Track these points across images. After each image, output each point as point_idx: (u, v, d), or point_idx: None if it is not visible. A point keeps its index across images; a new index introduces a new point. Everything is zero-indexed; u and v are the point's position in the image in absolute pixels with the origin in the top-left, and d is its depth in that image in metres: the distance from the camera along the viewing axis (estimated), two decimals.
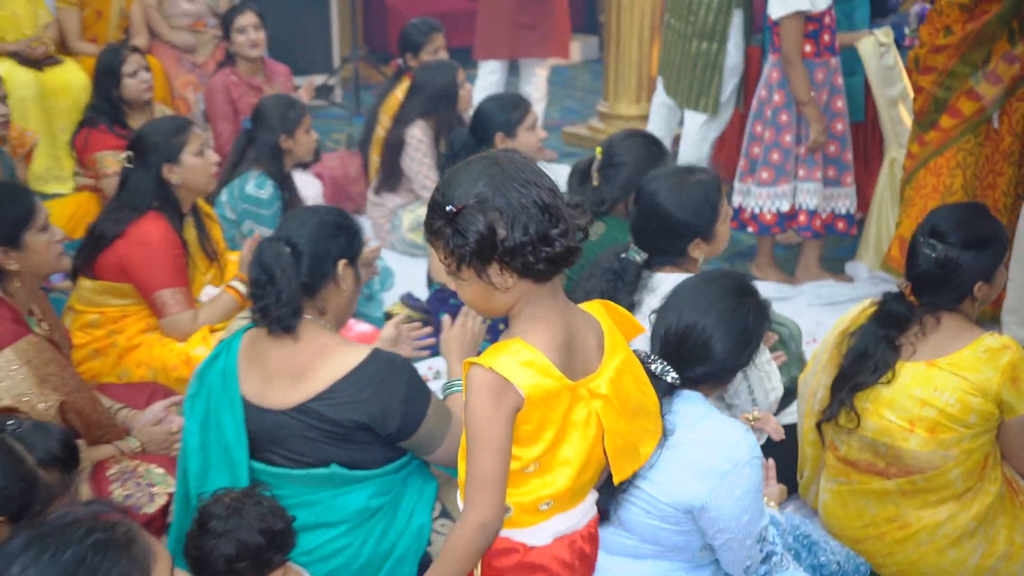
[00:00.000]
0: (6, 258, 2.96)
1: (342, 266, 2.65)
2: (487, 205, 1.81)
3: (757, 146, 4.68)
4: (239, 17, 5.49)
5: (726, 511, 2.30)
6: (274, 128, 4.30)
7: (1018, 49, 3.97)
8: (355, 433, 2.58)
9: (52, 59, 6.14)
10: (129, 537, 1.53)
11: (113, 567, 1.48)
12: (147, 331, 3.67)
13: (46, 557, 1.46)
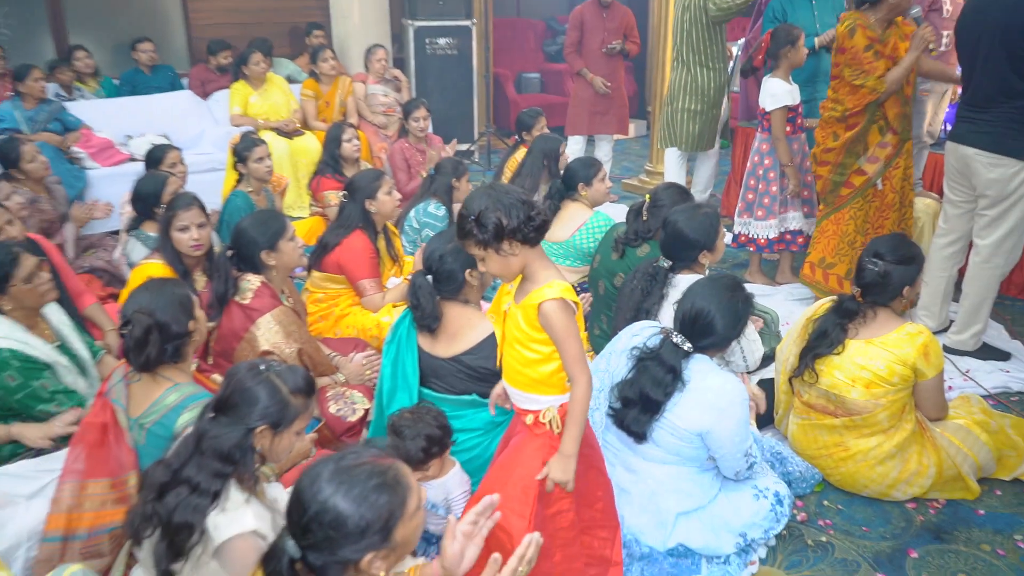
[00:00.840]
0: (268, 257, 3.01)
1: (468, 274, 2.64)
2: (492, 208, 1.91)
3: (751, 194, 4.58)
4: (414, 110, 5.53)
5: (724, 434, 2.37)
6: (447, 175, 4.31)
7: (887, 137, 3.93)
8: (487, 375, 2.59)
9: (298, 132, 6.24)
10: (396, 479, 1.49)
11: (385, 499, 1.45)
12: (353, 305, 3.69)
13: (343, 487, 1.43)
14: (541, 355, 2.04)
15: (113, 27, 7.39)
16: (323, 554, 1.41)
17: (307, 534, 1.42)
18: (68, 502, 2.19)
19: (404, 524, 1.47)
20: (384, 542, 1.44)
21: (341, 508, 1.41)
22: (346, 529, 1.40)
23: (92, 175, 5.50)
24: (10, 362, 2.53)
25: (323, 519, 1.41)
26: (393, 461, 1.52)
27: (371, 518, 1.42)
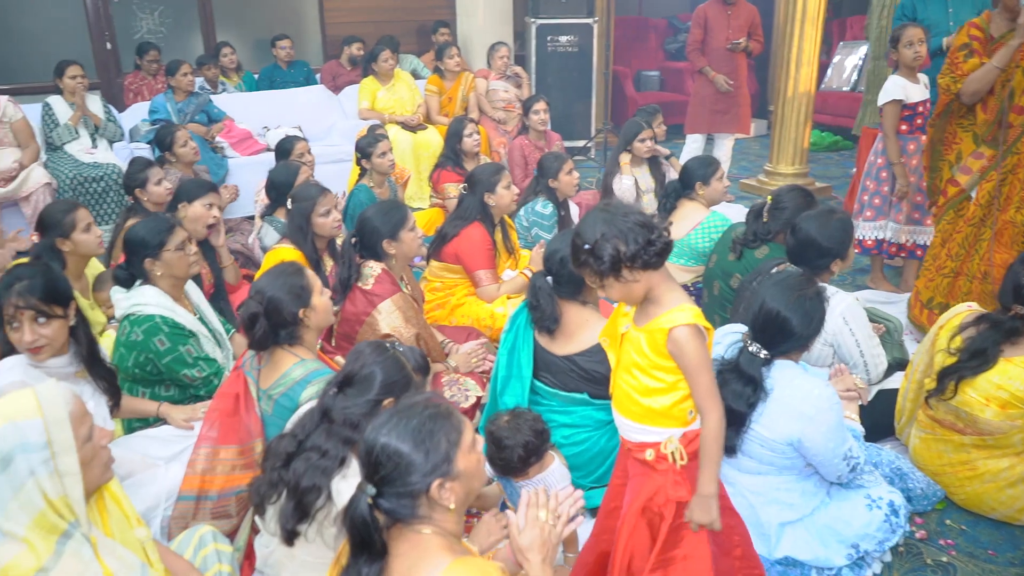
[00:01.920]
0: (389, 246, 3.09)
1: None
2: (608, 236, 1.76)
3: (866, 195, 4.35)
4: (535, 103, 5.55)
5: (816, 442, 2.20)
6: (548, 173, 4.30)
7: (981, 148, 3.52)
8: (599, 378, 2.56)
9: (421, 126, 6.39)
10: (449, 411, 1.57)
11: (440, 428, 1.52)
12: (469, 295, 3.75)
13: (401, 423, 1.51)
14: (664, 384, 1.88)
15: (255, 25, 7.79)
16: (395, 487, 1.49)
17: (377, 470, 1.50)
18: (202, 465, 2.34)
19: (463, 454, 1.53)
20: (448, 468, 1.50)
21: (401, 439, 1.49)
22: (409, 457, 1.48)
23: (232, 163, 5.83)
24: (161, 327, 2.71)
25: (387, 452, 1.48)
26: (444, 401, 1.60)
27: (429, 445, 1.49)
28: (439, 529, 1.52)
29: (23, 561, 1.57)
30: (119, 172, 5.24)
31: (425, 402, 1.56)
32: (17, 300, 2.28)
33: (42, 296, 2.30)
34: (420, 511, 1.51)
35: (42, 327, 2.31)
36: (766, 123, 8.80)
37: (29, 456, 1.58)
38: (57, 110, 5.45)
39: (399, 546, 1.52)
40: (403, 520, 1.52)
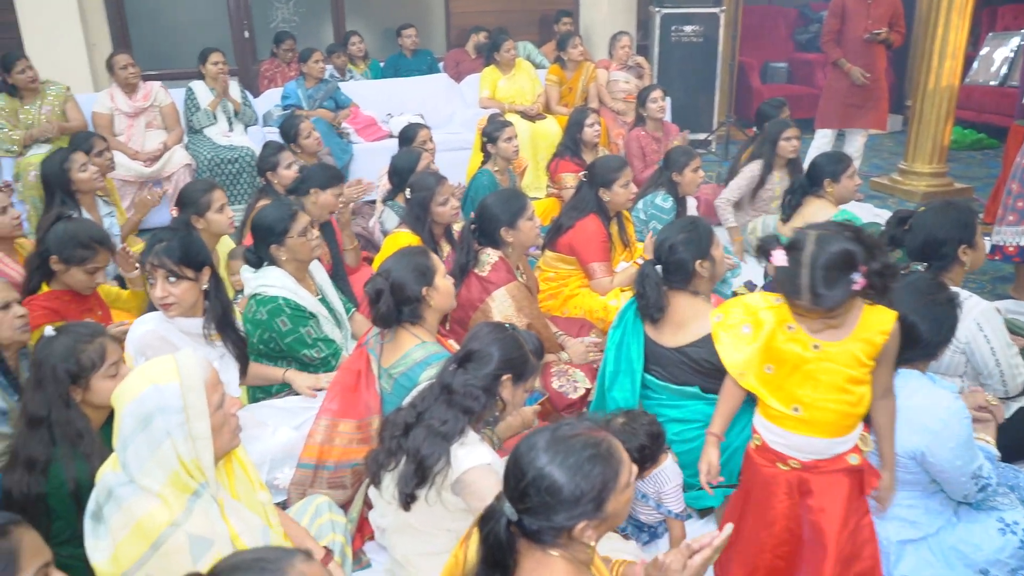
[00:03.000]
0: (507, 234, 3.11)
1: (699, 264, 2.56)
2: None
3: (1010, 198, 4.04)
4: (651, 92, 5.44)
5: (941, 458, 2.06)
6: (673, 167, 4.22)
7: None
8: (711, 370, 2.51)
9: (540, 116, 6.39)
10: (610, 451, 1.50)
11: (599, 471, 1.46)
12: (582, 287, 3.73)
13: (559, 457, 1.45)
14: (868, 383, 1.95)
15: (383, 14, 8.00)
16: (538, 519, 1.45)
17: (524, 499, 1.46)
18: (321, 436, 2.45)
19: (615, 497, 1.48)
20: (596, 512, 1.45)
21: (557, 476, 1.44)
22: (561, 496, 1.43)
23: (357, 149, 6.02)
24: (283, 309, 2.84)
25: (540, 485, 1.44)
26: (606, 434, 1.54)
27: (585, 488, 1.44)
28: (569, 555, 1.50)
29: (158, 515, 1.69)
30: (252, 155, 5.51)
31: (586, 435, 1.50)
32: (153, 258, 2.49)
33: (176, 258, 2.49)
34: (558, 540, 1.49)
35: (172, 286, 2.49)
36: (902, 118, 8.35)
37: (167, 418, 1.70)
38: (199, 95, 5.79)
39: (526, 563, 1.51)
40: (536, 542, 1.50)
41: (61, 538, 1.98)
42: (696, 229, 2.60)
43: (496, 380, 2.06)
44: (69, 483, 1.94)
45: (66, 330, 2.11)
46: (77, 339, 2.07)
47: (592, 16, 7.84)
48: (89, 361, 2.06)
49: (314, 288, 3.09)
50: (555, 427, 1.53)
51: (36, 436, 1.98)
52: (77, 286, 2.94)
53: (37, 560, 1.37)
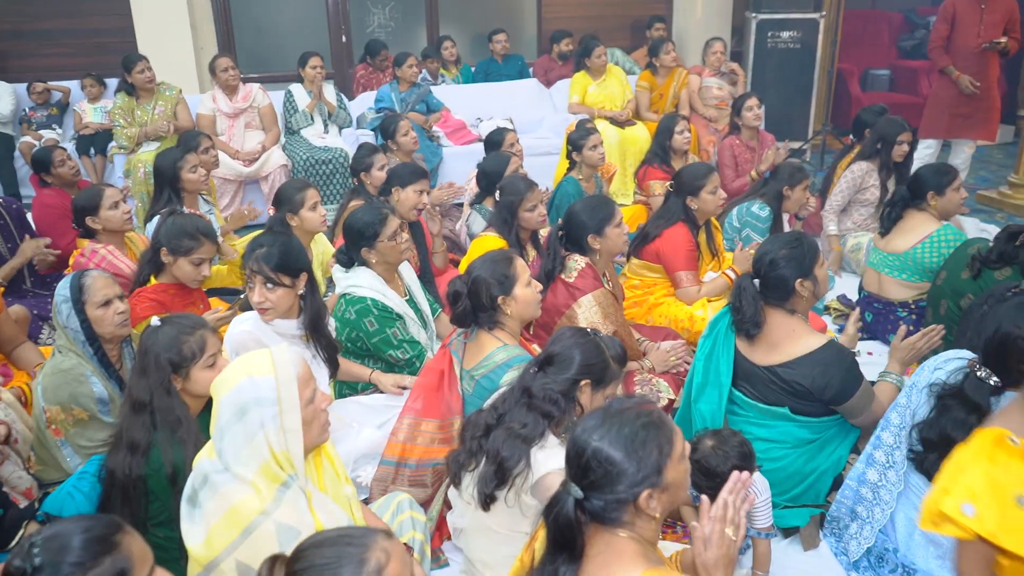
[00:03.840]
0: (594, 241, 3.09)
1: (799, 283, 2.48)
2: None
3: None
4: (747, 100, 5.32)
5: None
6: (782, 181, 4.08)
7: None
8: (802, 393, 2.44)
9: (629, 122, 6.34)
10: (662, 420, 1.55)
11: (653, 437, 1.50)
12: (668, 295, 3.68)
13: (614, 430, 1.50)
14: None
15: (475, 19, 8.10)
16: (602, 493, 1.48)
17: (586, 474, 1.49)
18: (404, 434, 2.49)
19: (673, 465, 1.50)
20: (657, 479, 1.48)
21: (613, 447, 1.48)
22: (620, 466, 1.47)
23: (446, 152, 6.11)
24: (371, 309, 2.91)
25: (599, 457, 1.48)
26: (656, 407, 1.58)
27: (641, 454, 1.47)
28: (636, 535, 1.51)
29: (250, 503, 1.74)
30: (346, 156, 5.66)
31: (637, 409, 1.55)
32: (253, 264, 2.58)
33: (274, 265, 2.57)
34: (624, 517, 1.50)
35: (270, 292, 2.58)
36: (1013, 129, 7.95)
37: (262, 410, 1.76)
38: (297, 97, 5.98)
39: (594, 546, 1.52)
40: (603, 522, 1.52)
41: (158, 519, 2.07)
42: (800, 246, 2.50)
43: (575, 385, 2.05)
44: (167, 467, 2.03)
45: (170, 321, 2.21)
46: (180, 330, 2.17)
47: (686, 22, 7.75)
48: (190, 351, 2.15)
49: (402, 289, 3.15)
50: (606, 406, 1.58)
51: (139, 421, 2.08)
52: (185, 278, 3.07)
53: (145, 567, 1.42)
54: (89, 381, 2.53)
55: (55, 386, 2.52)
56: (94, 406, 2.54)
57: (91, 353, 2.57)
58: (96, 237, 3.57)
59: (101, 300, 2.54)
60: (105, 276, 2.61)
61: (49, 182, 4.46)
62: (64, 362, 2.54)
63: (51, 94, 6.43)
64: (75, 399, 2.52)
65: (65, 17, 6.78)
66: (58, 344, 2.59)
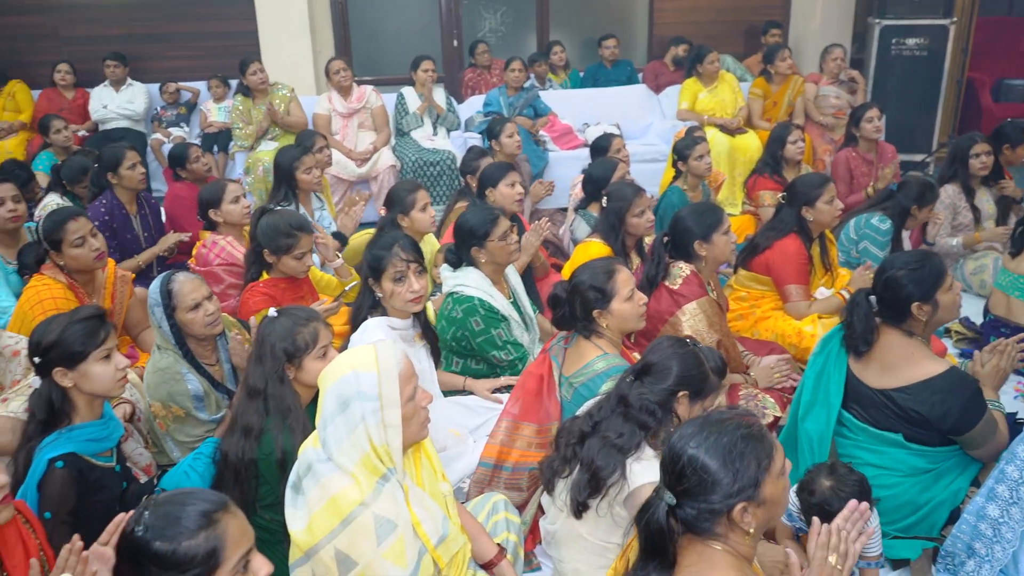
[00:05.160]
0: (700, 247, 3.04)
1: (916, 307, 2.36)
2: None
3: None
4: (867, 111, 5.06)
5: None
6: (909, 198, 3.87)
7: None
8: (919, 420, 2.33)
9: (740, 129, 6.19)
10: (762, 433, 1.52)
11: (752, 450, 1.47)
12: (775, 309, 3.57)
13: (712, 438, 1.48)
14: None
15: (585, 24, 8.08)
16: (696, 501, 1.46)
17: (680, 481, 1.47)
18: (502, 437, 2.51)
19: (771, 480, 1.47)
20: (753, 492, 1.44)
21: (710, 455, 1.45)
22: (716, 475, 1.44)
23: (552, 156, 6.13)
24: (478, 309, 2.95)
25: (695, 465, 1.45)
26: (757, 419, 1.54)
27: (739, 466, 1.44)
28: (731, 549, 1.49)
29: (350, 493, 1.80)
30: (453, 158, 5.76)
31: (738, 419, 1.52)
32: (406, 255, 2.66)
33: (419, 253, 2.67)
34: (717, 529, 1.48)
35: (420, 279, 2.67)
36: None
37: (363, 404, 1.81)
38: (408, 100, 6.13)
39: (687, 556, 1.50)
40: (696, 532, 1.49)
41: (265, 501, 2.16)
42: (924, 267, 2.37)
43: (672, 396, 2.03)
44: (277, 452, 2.11)
45: (286, 312, 2.30)
46: (295, 321, 2.25)
47: (803, 28, 7.50)
48: (304, 342, 2.23)
49: (508, 291, 3.18)
50: (706, 415, 1.56)
51: (253, 406, 2.17)
52: (291, 272, 3.20)
53: (240, 549, 1.48)
54: (184, 379, 2.64)
55: (155, 384, 2.65)
56: (189, 403, 2.65)
57: (183, 353, 2.67)
58: (217, 229, 3.77)
59: (191, 304, 2.61)
60: (193, 279, 2.67)
61: (183, 176, 4.75)
62: (161, 360, 2.66)
63: (181, 94, 6.81)
64: (172, 397, 2.63)
65: (195, 21, 7.16)
66: (157, 341, 2.71)
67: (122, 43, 6.89)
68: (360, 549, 1.77)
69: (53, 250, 3.10)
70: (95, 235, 3.16)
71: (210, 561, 1.43)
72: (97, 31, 7.03)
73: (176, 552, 1.42)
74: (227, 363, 2.81)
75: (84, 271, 3.17)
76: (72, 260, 3.10)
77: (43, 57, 6.83)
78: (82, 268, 3.14)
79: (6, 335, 2.78)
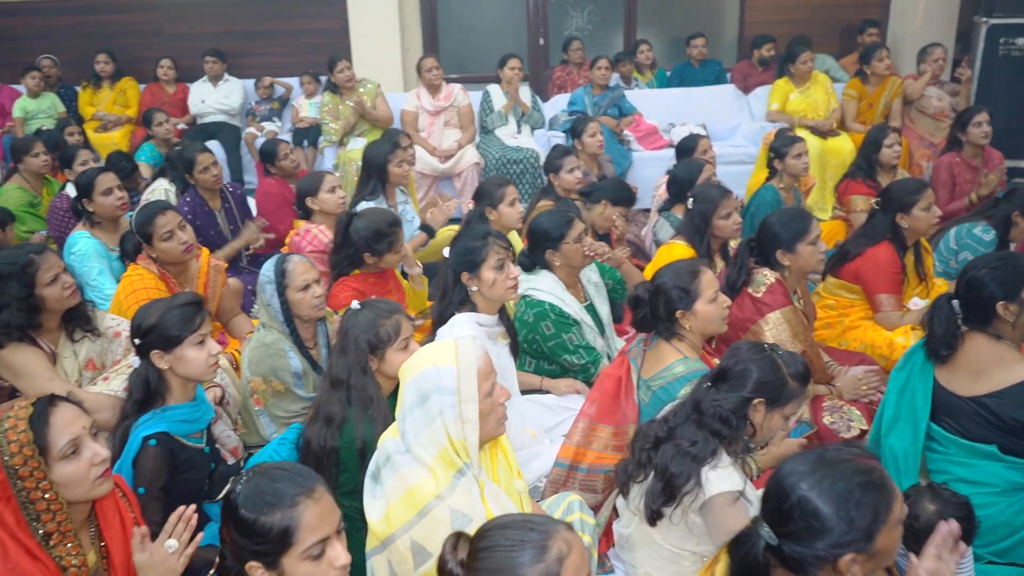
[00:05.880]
0: (783, 257, 2.96)
1: (1001, 306, 2.26)
2: None
3: None
4: (976, 116, 4.85)
5: None
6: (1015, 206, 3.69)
7: None
8: (1015, 428, 2.22)
9: (832, 132, 6.00)
10: (882, 480, 1.42)
11: (870, 500, 1.38)
12: (865, 319, 3.46)
13: (827, 481, 1.39)
14: None
15: (674, 23, 7.98)
16: (800, 545, 1.38)
17: (786, 522, 1.40)
18: (578, 438, 2.50)
19: (887, 531, 1.38)
20: (865, 544, 1.36)
21: (823, 501, 1.37)
22: (827, 523, 1.36)
23: (636, 156, 6.08)
24: (549, 313, 2.96)
25: (804, 508, 1.37)
26: (877, 463, 1.45)
27: (855, 516, 1.36)
28: None
29: (427, 486, 1.83)
30: (536, 157, 5.78)
31: (857, 462, 1.43)
32: (504, 243, 2.70)
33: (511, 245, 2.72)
34: (819, 573, 1.41)
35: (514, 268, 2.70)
36: None
37: (442, 398, 1.84)
38: (494, 98, 6.18)
39: None
40: (795, 571, 1.42)
41: (345, 489, 2.22)
42: (1007, 265, 2.30)
43: (747, 403, 1.98)
44: (358, 441, 2.17)
45: (370, 305, 2.36)
46: (378, 314, 2.31)
47: (903, 27, 7.22)
48: (386, 334, 2.28)
49: (582, 295, 3.17)
50: (822, 450, 1.47)
51: (336, 396, 2.23)
52: (388, 265, 3.28)
53: (315, 535, 1.49)
54: (287, 356, 2.77)
55: (258, 359, 2.77)
56: (290, 379, 2.78)
57: (289, 331, 2.79)
58: (312, 218, 3.94)
59: (301, 284, 2.75)
60: (305, 261, 2.81)
61: (272, 172, 4.91)
62: (266, 336, 2.79)
63: (274, 89, 7.04)
64: (274, 372, 2.76)
65: (289, 19, 7.38)
66: (262, 320, 2.84)
67: (221, 40, 7.17)
68: (435, 541, 1.80)
69: (145, 243, 3.24)
70: (183, 228, 3.27)
71: (283, 540, 1.47)
72: (198, 28, 7.33)
73: (255, 523, 1.47)
74: (324, 348, 2.92)
75: (174, 263, 3.29)
76: (162, 253, 3.23)
77: (148, 53, 7.17)
78: (171, 260, 3.27)
79: (108, 317, 2.94)
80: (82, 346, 2.77)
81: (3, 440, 1.62)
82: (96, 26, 7.34)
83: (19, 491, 1.63)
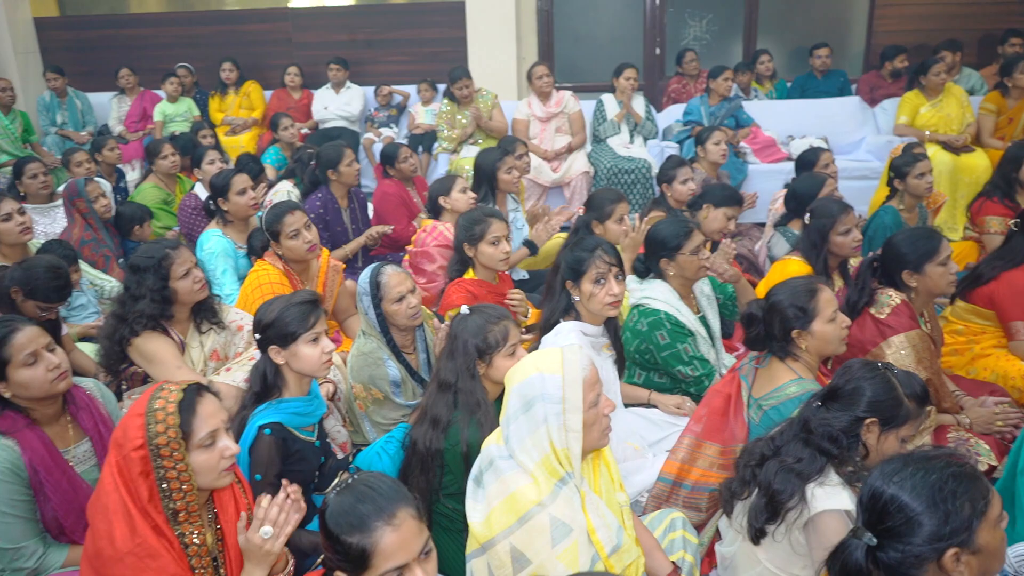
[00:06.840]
0: (909, 278, 2.83)
1: None
2: None
3: None
4: None
5: None
6: None
7: None
8: None
9: (967, 148, 5.68)
10: (975, 473, 1.40)
11: (964, 491, 1.36)
12: (997, 347, 3.25)
13: (917, 476, 1.39)
14: None
15: (796, 33, 7.73)
16: (899, 543, 1.36)
17: (882, 520, 1.38)
18: (683, 454, 2.45)
19: (987, 527, 1.34)
20: (966, 539, 1.33)
21: (914, 493, 1.36)
22: (921, 516, 1.35)
23: (752, 169, 5.92)
24: (664, 323, 2.91)
25: (897, 502, 1.37)
26: (969, 458, 1.39)
27: (950, 507, 1.34)
28: None
29: (528, 492, 1.83)
30: (648, 167, 5.72)
31: (947, 458, 1.41)
32: (609, 258, 2.68)
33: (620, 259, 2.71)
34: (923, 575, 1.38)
35: (620, 284, 2.69)
36: None
37: (546, 406, 1.84)
38: (607, 107, 6.16)
39: None
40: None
41: (448, 490, 2.25)
42: None
43: (860, 423, 1.90)
44: (462, 444, 2.20)
45: (478, 310, 2.39)
46: (487, 319, 2.33)
47: None
48: (495, 340, 2.30)
49: (695, 306, 3.11)
50: (908, 452, 1.47)
51: (443, 399, 2.27)
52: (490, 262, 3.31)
53: (392, 561, 1.48)
54: (385, 364, 2.82)
55: (358, 367, 2.85)
56: (388, 388, 2.83)
57: (386, 340, 2.85)
58: (441, 216, 4.10)
59: (396, 297, 2.79)
60: (400, 272, 2.84)
61: (391, 174, 5.07)
62: (366, 345, 2.85)
63: (393, 96, 7.25)
64: (373, 380, 2.82)
65: (410, 28, 7.60)
66: (362, 327, 2.91)
67: (345, 48, 7.46)
68: (535, 548, 1.80)
69: (272, 240, 3.41)
70: (309, 228, 3.43)
71: (360, 561, 1.49)
72: (324, 37, 7.66)
73: (337, 539, 1.50)
74: (423, 353, 2.95)
75: (298, 261, 3.44)
76: (288, 251, 3.39)
77: (276, 61, 7.53)
78: (296, 258, 3.42)
79: (232, 311, 3.10)
80: (208, 337, 2.93)
81: (152, 419, 1.72)
82: (231, 35, 7.78)
83: (157, 468, 1.73)
